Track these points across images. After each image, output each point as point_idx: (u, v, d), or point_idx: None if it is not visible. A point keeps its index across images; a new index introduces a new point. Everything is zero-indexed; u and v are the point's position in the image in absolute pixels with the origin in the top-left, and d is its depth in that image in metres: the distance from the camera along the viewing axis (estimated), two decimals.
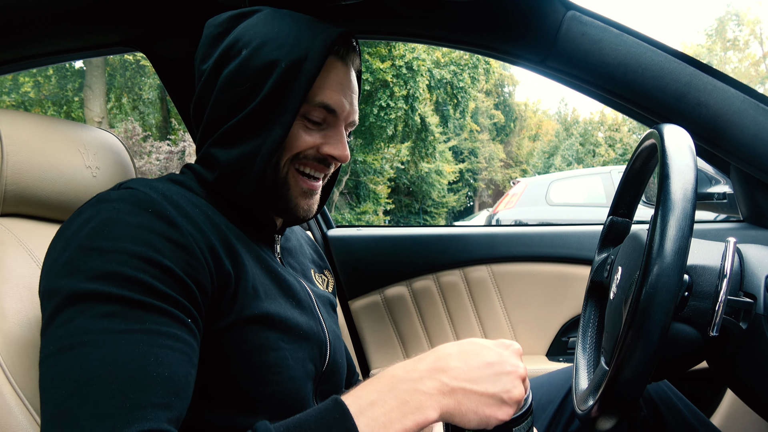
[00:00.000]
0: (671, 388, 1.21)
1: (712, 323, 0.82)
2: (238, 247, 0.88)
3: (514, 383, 0.75)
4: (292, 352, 0.90)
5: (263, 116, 0.90)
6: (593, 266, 1.22)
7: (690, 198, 0.76)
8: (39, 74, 15.04)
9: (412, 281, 1.95)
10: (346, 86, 0.98)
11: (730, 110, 1.31)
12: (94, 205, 0.78)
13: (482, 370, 0.74)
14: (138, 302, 0.70)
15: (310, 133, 0.95)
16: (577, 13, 1.32)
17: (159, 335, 0.70)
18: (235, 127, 0.92)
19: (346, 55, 0.98)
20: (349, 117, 1.00)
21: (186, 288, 0.75)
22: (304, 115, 0.94)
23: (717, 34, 31.38)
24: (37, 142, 1.00)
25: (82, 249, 0.72)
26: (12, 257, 0.91)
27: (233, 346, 0.82)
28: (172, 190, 0.85)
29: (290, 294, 0.96)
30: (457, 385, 0.72)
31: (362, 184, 19.38)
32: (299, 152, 0.95)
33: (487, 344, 0.78)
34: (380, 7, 1.40)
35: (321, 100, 0.94)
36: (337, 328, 1.13)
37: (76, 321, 0.68)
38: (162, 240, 0.75)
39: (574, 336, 1.91)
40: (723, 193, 1.89)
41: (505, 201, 8.64)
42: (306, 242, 1.24)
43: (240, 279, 0.85)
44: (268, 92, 0.90)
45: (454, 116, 19.44)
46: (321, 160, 0.98)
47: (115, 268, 0.70)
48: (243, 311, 0.84)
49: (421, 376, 0.73)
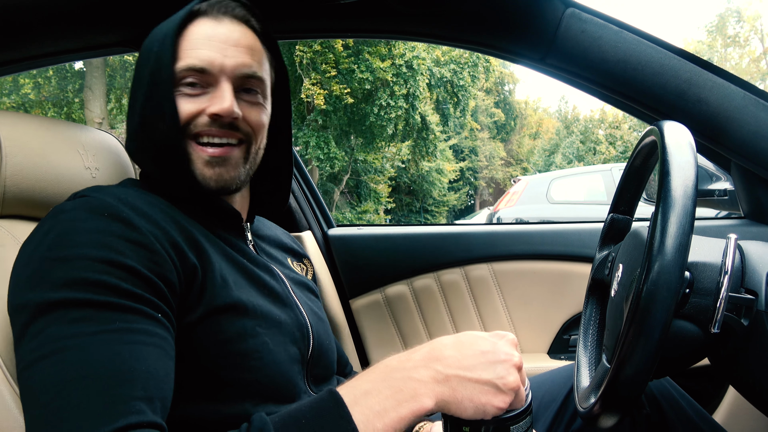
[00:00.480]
0: (673, 385, 1.21)
1: (714, 320, 0.82)
2: (202, 239, 0.89)
3: (509, 370, 0.74)
4: (272, 336, 0.91)
5: (151, 100, 0.92)
6: (594, 264, 1.22)
7: (691, 195, 0.76)
8: (39, 75, 15.05)
9: (413, 280, 1.95)
10: (215, 38, 0.93)
11: (731, 107, 1.31)
12: (51, 217, 0.80)
13: (476, 358, 0.74)
14: (106, 303, 0.71)
15: (193, 99, 0.93)
16: (576, 10, 1.32)
17: (131, 332, 0.71)
18: (138, 121, 0.94)
19: (212, 9, 0.95)
20: (231, 70, 0.94)
21: (152, 285, 0.76)
22: (180, 85, 0.92)
23: (717, 30, 31.35)
24: (37, 144, 1.00)
25: (44, 260, 0.74)
26: (11, 259, 0.91)
27: (209, 337, 0.83)
28: (128, 192, 0.87)
29: (261, 280, 0.96)
30: (452, 373, 0.72)
31: (363, 183, 19.40)
32: (188, 122, 0.93)
33: (481, 335, 0.78)
34: (379, 5, 1.40)
35: (185, 63, 0.92)
36: (320, 312, 1.13)
37: (48, 330, 0.69)
38: (121, 241, 0.76)
39: (575, 334, 1.90)
40: (724, 189, 1.89)
41: (506, 199, 8.66)
42: (283, 233, 1.27)
43: (207, 271, 0.86)
44: (149, 75, 0.91)
45: (454, 115, 19.43)
46: (212, 123, 0.93)
47: (79, 274, 0.72)
48: (213, 301, 0.84)
49: (416, 365, 0.73)
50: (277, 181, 1.16)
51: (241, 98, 0.97)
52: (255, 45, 0.99)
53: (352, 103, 15.22)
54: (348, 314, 1.97)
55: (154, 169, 0.96)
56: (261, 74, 0.98)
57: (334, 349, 1.15)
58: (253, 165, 1.02)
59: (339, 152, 16.23)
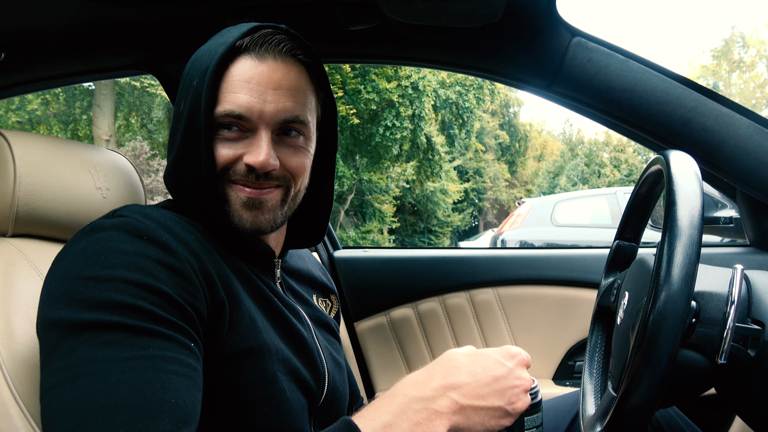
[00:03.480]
0: (680, 414, 1.20)
1: (720, 350, 0.82)
2: (233, 275, 0.87)
3: (519, 396, 0.81)
4: (289, 383, 0.89)
5: (189, 141, 0.87)
6: (600, 290, 1.21)
7: (697, 225, 0.76)
8: (47, 92, 15.18)
9: (418, 303, 1.94)
10: (256, 81, 0.86)
11: (736, 135, 1.32)
12: (88, 234, 0.78)
13: (490, 386, 0.79)
14: (140, 329, 0.70)
15: (231, 145, 0.88)
16: (583, 39, 1.34)
17: (163, 360, 0.69)
18: (175, 156, 0.90)
19: (257, 46, 0.87)
20: (270, 116, 0.87)
21: (185, 313, 0.75)
22: (219, 127, 0.87)
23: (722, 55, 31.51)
24: (49, 164, 1.01)
25: (79, 279, 0.72)
26: (22, 277, 0.92)
27: (231, 377, 0.81)
28: (166, 216, 0.84)
29: (288, 323, 0.93)
30: (467, 403, 0.77)
31: (367, 202, 19.41)
32: (225, 168, 0.88)
33: (494, 356, 0.82)
34: (388, 32, 1.42)
35: (223, 108, 0.86)
36: (339, 356, 1.10)
37: (78, 351, 0.68)
38: (158, 266, 0.74)
39: (580, 360, 1.89)
40: (729, 217, 1.89)
41: (510, 221, 8.63)
42: (314, 265, 1.21)
43: (234, 309, 0.83)
44: (187, 114, 0.87)
45: (459, 136, 19.52)
46: (249, 172, 0.88)
47: (114, 296, 0.70)
48: (241, 341, 0.83)
49: (434, 394, 0.76)
50: (316, 212, 1.08)
51: (283, 142, 0.91)
52: (299, 84, 0.91)
53: (357, 123, 15.31)
54: (352, 337, 1.97)
55: (189, 205, 0.92)
56: (303, 117, 0.92)
57: (347, 395, 1.11)
58: (293, 206, 0.97)
59: (347, 171, 16.27)
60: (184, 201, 0.92)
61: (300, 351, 0.94)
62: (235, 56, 0.87)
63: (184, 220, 0.87)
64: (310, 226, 1.09)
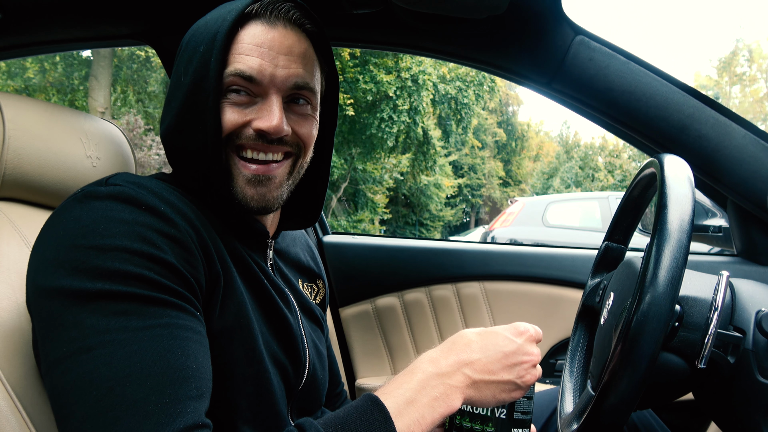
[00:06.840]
0: (655, 417, 1.21)
1: (701, 355, 0.83)
2: (227, 250, 0.86)
3: (528, 370, 0.85)
4: (272, 365, 0.90)
5: (192, 107, 0.85)
6: (585, 290, 1.22)
7: (686, 229, 0.76)
8: (46, 60, 14.99)
9: (403, 293, 1.94)
10: (267, 44, 0.85)
11: (731, 145, 1.32)
12: (81, 201, 0.76)
13: (500, 362, 0.83)
14: (150, 298, 0.69)
15: (239, 109, 0.86)
16: (586, 38, 1.33)
17: (179, 328, 0.70)
18: (172, 124, 0.88)
19: (267, 12, 0.87)
20: (282, 81, 0.87)
21: (188, 283, 0.75)
22: (227, 92, 0.85)
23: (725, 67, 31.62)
24: (40, 129, 1.00)
25: (77, 248, 0.71)
26: (5, 242, 0.90)
27: (220, 354, 0.81)
28: (160, 186, 0.83)
29: (276, 307, 0.93)
30: (479, 378, 0.81)
31: (361, 192, 19.39)
32: (232, 133, 0.86)
33: (504, 333, 0.86)
34: (391, 19, 1.41)
35: (233, 68, 0.84)
36: (321, 343, 1.10)
37: (89, 321, 0.67)
38: (159, 236, 0.74)
39: (562, 358, 1.90)
40: (719, 226, 1.90)
41: (501, 219, 8.67)
42: (303, 248, 1.19)
43: (227, 285, 0.83)
44: (191, 80, 0.84)
45: (456, 131, 19.49)
46: (258, 137, 0.87)
47: (118, 266, 0.69)
48: (232, 317, 0.83)
49: (449, 370, 0.80)
50: (312, 193, 1.07)
51: (291, 110, 0.90)
52: (308, 52, 0.91)
53: (353, 115, 15.23)
54: (336, 322, 1.97)
55: (189, 179, 0.90)
56: (313, 85, 0.91)
57: (326, 382, 1.12)
58: (296, 180, 0.96)
59: (339, 160, 16.20)
60: (185, 173, 0.90)
61: (283, 337, 0.94)
62: (245, 22, 0.86)
63: (177, 192, 0.86)
64: (305, 206, 1.08)
